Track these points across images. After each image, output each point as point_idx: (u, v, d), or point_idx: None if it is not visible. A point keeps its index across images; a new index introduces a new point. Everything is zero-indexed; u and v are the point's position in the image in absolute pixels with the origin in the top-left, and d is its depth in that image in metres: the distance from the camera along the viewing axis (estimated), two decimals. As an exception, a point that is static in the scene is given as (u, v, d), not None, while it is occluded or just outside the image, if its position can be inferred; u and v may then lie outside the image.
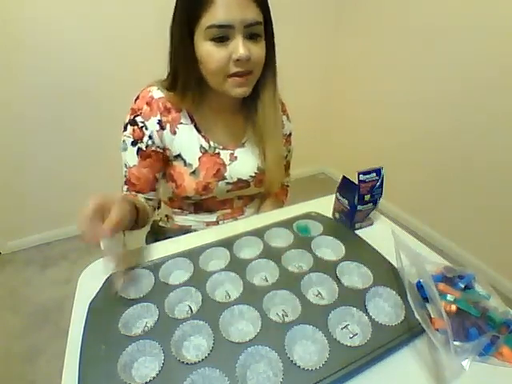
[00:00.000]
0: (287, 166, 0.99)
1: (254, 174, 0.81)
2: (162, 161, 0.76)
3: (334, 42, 2.16)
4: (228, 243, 0.65)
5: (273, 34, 0.69)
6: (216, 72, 0.63)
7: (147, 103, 0.70)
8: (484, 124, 1.46)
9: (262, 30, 0.64)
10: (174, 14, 0.64)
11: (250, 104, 0.76)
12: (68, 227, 1.91)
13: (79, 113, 1.67)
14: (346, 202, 0.69)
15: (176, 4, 0.63)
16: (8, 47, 1.43)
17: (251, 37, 0.62)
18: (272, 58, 0.71)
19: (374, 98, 2.03)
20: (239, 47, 0.60)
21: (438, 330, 0.44)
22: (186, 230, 0.81)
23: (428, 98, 1.69)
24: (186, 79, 0.67)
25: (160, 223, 0.92)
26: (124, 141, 0.73)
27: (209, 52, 0.61)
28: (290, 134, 0.93)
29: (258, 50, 0.64)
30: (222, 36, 0.60)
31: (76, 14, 1.48)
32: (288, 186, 1.03)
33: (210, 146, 0.76)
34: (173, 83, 0.70)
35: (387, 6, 1.78)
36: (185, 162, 0.75)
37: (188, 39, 0.63)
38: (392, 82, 1.88)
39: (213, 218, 0.84)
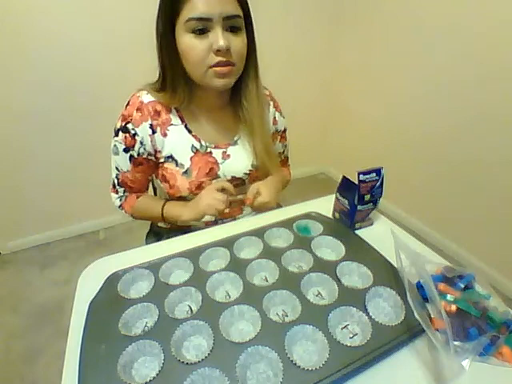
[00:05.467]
0: (285, 161, 1.00)
1: (248, 172, 0.82)
2: (152, 167, 0.79)
3: (333, 42, 2.16)
4: (228, 243, 0.65)
5: (253, 28, 0.70)
6: (197, 63, 0.64)
7: (138, 109, 0.72)
8: (484, 124, 1.46)
9: (242, 23, 0.65)
10: (159, 8, 0.65)
11: (235, 100, 0.77)
12: (68, 227, 1.90)
13: (80, 113, 1.67)
14: (346, 201, 0.69)
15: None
16: (8, 46, 1.43)
17: (231, 29, 0.63)
18: (253, 51, 0.72)
19: (373, 98, 2.03)
20: (219, 38, 0.61)
21: (438, 330, 0.44)
22: (185, 231, 0.81)
23: (428, 98, 1.69)
24: (173, 76, 0.68)
25: (159, 224, 0.92)
26: (115, 146, 0.75)
27: (189, 44, 0.62)
28: (285, 130, 0.94)
29: (238, 42, 0.65)
30: (201, 28, 0.61)
31: (77, 14, 1.47)
32: (289, 165, 1.03)
33: (201, 146, 0.77)
34: (163, 82, 0.71)
35: (387, 6, 1.78)
36: (176, 162, 0.76)
37: (170, 33, 0.64)
38: (392, 83, 1.87)
39: (212, 217, 0.84)
